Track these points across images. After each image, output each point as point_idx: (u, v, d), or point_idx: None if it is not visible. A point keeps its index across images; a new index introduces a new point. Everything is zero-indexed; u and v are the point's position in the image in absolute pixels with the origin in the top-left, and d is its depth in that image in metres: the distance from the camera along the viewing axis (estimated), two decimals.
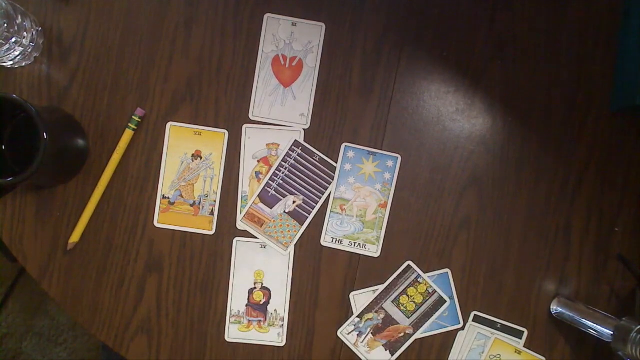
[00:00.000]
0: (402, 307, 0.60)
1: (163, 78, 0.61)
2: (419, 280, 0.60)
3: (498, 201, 0.61)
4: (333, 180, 0.61)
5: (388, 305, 0.60)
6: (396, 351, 0.60)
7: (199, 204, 0.61)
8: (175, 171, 0.61)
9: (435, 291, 0.60)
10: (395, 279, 0.60)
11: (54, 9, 0.61)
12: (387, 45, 0.61)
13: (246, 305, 0.61)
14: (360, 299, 0.61)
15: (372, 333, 0.60)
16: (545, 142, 0.61)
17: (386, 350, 0.60)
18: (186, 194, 0.61)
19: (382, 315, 0.60)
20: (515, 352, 0.60)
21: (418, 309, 0.60)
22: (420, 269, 0.60)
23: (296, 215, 0.61)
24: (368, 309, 0.60)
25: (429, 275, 0.60)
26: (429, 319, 0.60)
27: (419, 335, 0.60)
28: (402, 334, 0.60)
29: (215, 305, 0.61)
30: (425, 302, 0.60)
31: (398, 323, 0.60)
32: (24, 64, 0.61)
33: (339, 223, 0.61)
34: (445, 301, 0.60)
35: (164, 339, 0.61)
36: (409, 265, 0.60)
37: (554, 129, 0.61)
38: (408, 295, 0.60)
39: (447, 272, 0.60)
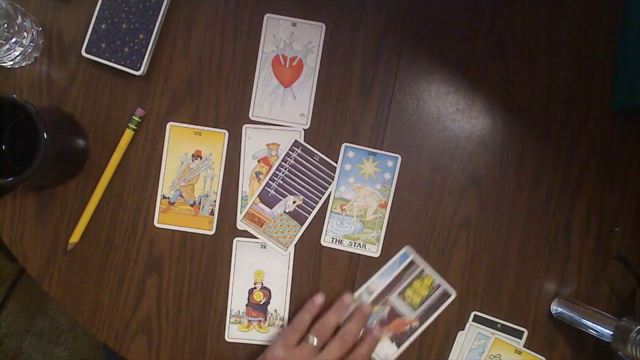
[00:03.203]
0: (407, 300, 0.60)
1: (163, 78, 0.61)
2: (423, 274, 0.60)
3: (498, 201, 0.61)
4: (333, 180, 0.61)
5: (394, 298, 0.60)
6: (402, 343, 0.60)
7: (199, 204, 0.61)
8: (175, 171, 0.61)
9: (440, 285, 0.60)
10: (400, 272, 0.60)
11: (54, 9, 0.61)
12: (387, 45, 0.61)
13: (246, 305, 0.61)
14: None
15: (378, 326, 0.60)
16: (545, 142, 0.61)
17: (392, 342, 0.60)
18: (186, 194, 0.61)
19: (387, 308, 0.60)
20: (515, 352, 0.60)
21: (424, 302, 0.60)
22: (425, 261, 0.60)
23: (296, 215, 0.61)
24: (374, 302, 0.60)
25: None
26: (434, 312, 0.60)
27: (424, 327, 0.60)
28: (409, 327, 0.60)
29: (215, 305, 0.61)
30: (431, 295, 0.60)
31: (404, 316, 0.60)
32: (24, 64, 0.61)
33: (339, 223, 0.61)
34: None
35: (164, 339, 0.61)
36: (412, 261, 0.60)
37: (554, 129, 0.61)
38: (413, 288, 0.60)
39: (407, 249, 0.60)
